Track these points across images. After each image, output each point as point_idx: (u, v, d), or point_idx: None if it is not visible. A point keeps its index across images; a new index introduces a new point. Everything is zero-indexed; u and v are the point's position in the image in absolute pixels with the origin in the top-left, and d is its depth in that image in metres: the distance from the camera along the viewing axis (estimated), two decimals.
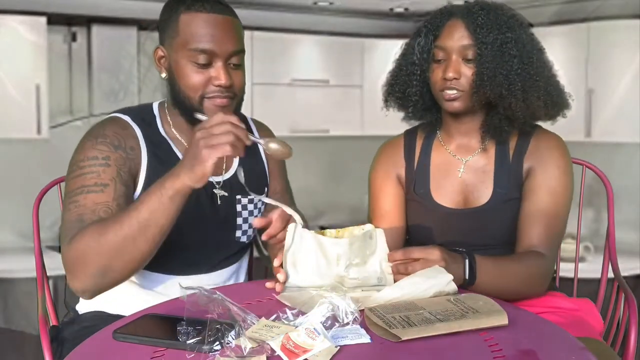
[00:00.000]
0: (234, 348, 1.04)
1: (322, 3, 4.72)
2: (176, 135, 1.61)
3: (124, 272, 1.40)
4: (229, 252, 1.67)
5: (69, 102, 4.28)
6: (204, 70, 1.50)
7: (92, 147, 1.50)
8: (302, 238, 1.37)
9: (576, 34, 4.03)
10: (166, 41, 1.55)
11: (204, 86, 1.51)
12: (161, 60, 1.57)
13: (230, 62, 1.52)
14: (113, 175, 1.48)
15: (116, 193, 1.46)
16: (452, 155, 1.73)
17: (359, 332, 1.12)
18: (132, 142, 1.54)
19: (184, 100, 1.53)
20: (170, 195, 1.33)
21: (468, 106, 1.64)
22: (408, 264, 1.36)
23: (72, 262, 1.39)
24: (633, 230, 4.02)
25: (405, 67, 1.74)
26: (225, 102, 1.52)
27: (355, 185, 5.18)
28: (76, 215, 1.43)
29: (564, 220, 1.63)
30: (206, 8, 1.50)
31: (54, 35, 4.10)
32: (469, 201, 1.68)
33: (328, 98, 4.83)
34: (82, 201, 1.44)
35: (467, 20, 1.62)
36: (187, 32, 1.50)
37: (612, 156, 4.02)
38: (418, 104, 1.73)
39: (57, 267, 1.54)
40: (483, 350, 1.07)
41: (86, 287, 1.40)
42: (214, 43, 1.49)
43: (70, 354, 1.10)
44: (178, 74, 1.52)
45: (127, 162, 1.51)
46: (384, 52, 4.96)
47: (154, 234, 1.36)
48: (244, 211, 1.67)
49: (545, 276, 1.58)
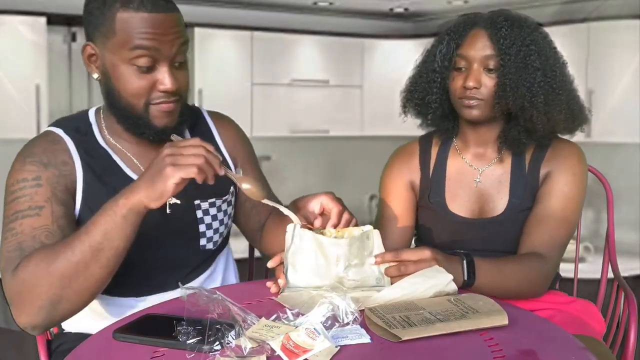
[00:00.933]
0: (234, 348, 1.04)
1: (322, 3, 4.72)
2: (115, 143, 1.47)
3: (78, 301, 1.27)
4: (196, 262, 1.54)
5: (69, 103, 4.28)
6: (147, 75, 1.36)
7: (21, 169, 1.37)
8: (302, 238, 1.36)
9: (576, 34, 4.03)
10: (98, 39, 1.38)
11: (148, 92, 1.37)
12: (91, 58, 1.41)
13: (175, 61, 1.39)
14: (47, 196, 1.35)
15: (54, 215, 1.33)
16: (468, 164, 1.73)
17: (359, 332, 1.12)
18: (64, 157, 1.40)
19: (125, 107, 1.39)
20: (123, 213, 1.23)
21: (487, 115, 1.64)
22: (400, 265, 1.36)
23: (18, 295, 1.25)
24: (633, 231, 4.03)
25: (425, 74, 1.73)
26: (171, 107, 1.40)
27: (355, 186, 5.19)
28: (15, 244, 1.30)
29: (573, 226, 1.63)
30: (147, 7, 1.33)
31: (54, 36, 4.11)
32: (484, 211, 1.68)
33: (328, 98, 4.83)
34: (18, 228, 1.31)
35: (491, 30, 1.62)
36: (126, 32, 1.34)
37: (612, 156, 4.02)
38: (437, 111, 1.73)
39: None
40: (483, 350, 1.07)
41: (36, 322, 1.26)
42: (157, 43, 1.34)
43: (70, 354, 1.10)
44: (116, 78, 1.37)
45: (61, 179, 1.38)
46: (383, 52, 4.98)
47: (108, 257, 1.24)
48: (206, 217, 1.54)
49: (545, 278, 1.58)
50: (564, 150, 1.67)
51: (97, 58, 1.40)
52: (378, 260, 1.38)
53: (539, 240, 1.58)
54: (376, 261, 1.38)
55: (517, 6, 4.02)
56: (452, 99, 1.69)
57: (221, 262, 1.63)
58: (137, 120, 1.40)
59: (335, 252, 1.35)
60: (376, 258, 1.38)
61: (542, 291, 1.61)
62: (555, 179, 1.63)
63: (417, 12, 5.03)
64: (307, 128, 4.68)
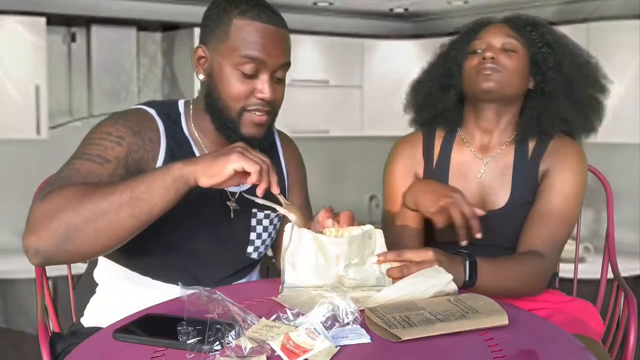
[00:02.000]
0: (234, 348, 1.04)
1: (321, 3, 4.72)
2: (198, 137, 1.53)
3: (90, 243, 1.26)
4: (237, 267, 1.59)
5: (69, 103, 4.28)
6: (249, 81, 1.45)
7: (110, 125, 1.43)
8: (301, 237, 1.36)
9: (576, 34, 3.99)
10: (211, 42, 1.48)
11: (246, 98, 1.45)
12: (200, 60, 1.50)
13: (275, 75, 1.48)
14: (119, 156, 1.39)
15: (114, 173, 1.36)
16: (474, 154, 1.71)
17: (359, 332, 1.12)
18: (152, 134, 1.46)
19: (221, 109, 1.47)
20: (175, 176, 1.26)
21: (503, 90, 1.62)
22: (403, 267, 1.36)
23: (40, 217, 1.25)
24: (633, 231, 4.02)
25: (441, 63, 1.73)
26: (263, 120, 1.48)
27: (355, 186, 5.19)
28: (66, 175, 1.33)
29: (572, 225, 1.63)
30: (262, 17, 1.44)
31: (54, 36, 4.11)
32: (486, 203, 1.67)
33: (328, 98, 4.83)
34: (77, 165, 1.35)
35: (510, 23, 1.63)
36: (239, 38, 1.43)
37: (612, 157, 4.02)
38: (451, 97, 1.70)
39: (56, 267, 1.49)
40: (483, 350, 1.07)
41: (41, 247, 1.25)
42: (265, 54, 1.44)
43: (70, 354, 1.10)
44: (220, 80, 1.46)
45: (140, 151, 1.43)
46: (383, 52, 4.97)
47: (142, 210, 1.26)
48: (258, 226, 1.59)
49: (544, 277, 1.58)
50: (565, 147, 1.66)
51: (205, 60, 1.49)
52: (380, 260, 1.37)
53: (539, 239, 1.57)
54: (378, 260, 1.37)
55: (517, 6, 4.02)
56: (466, 80, 1.66)
57: (255, 273, 1.67)
58: (228, 122, 1.47)
59: (335, 251, 1.35)
60: (378, 257, 1.38)
61: (541, 290, 1.61)
62: (556, 177, 1.62)
63: (417, 13, 5.03)
64: (306, 128, 4.68)
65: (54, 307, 1.68)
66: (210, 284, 1.47)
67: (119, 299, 1.49)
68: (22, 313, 3.80)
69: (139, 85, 4.41)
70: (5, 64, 3.76)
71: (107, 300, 1.53)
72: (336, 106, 4.86)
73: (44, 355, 1.45)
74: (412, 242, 1.64)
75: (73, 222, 1.24)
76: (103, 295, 1.55)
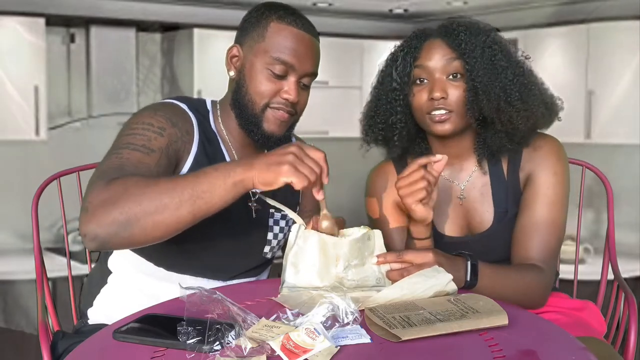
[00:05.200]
0: (234, 348, 1.04)
1: (321, 4, 4.72)
2: (225, 135, 1.58)
3: (146, 233, 1.28)
4: (251, 265, 1.62)
5: (68, 104, 4.28)
6: (277, 81, 1.51)
7: (150, 116, 1.46)
8: (306, 239, 1.36)
9: (576, 35, 4.04)
10: (246, 42, 1.55)
11: (272, 96, 1.51)
12: (233, 59, 1.57)
13: (302, 81, 1.54)
14: (162, 146, 1.42)
15: (159, 163, 1.40)
16: (449, 181, 1.66)
17: (359, 332, 1.12)
18: (188, 127, 1.51)
19: (247, 104, 1.52)
20: (235, 181, 1.27)
21: (459, 127, 1.57)
22: (403, 270, 1.35)
23: (101, 202, 1.27)
24: (633, 232, 4.02)
25: (385, 95, 1.65)
26: (285, 117, 1.52)
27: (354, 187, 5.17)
28: (118, 163, 1.36)
29: (562, 229, 1.59)
30: (297, 24, 1.52)
31: (53, 37, 4.11)
32: (472, 227, 1.64)
33: (327, 99, 4.82)
34: (125, 155, 1.38)
35: (448, 38, 1.56)
36: (274, 40, 1.50)
37: (612, 157, 4.02)
38: (403, 131, 1.63)
39: (56, 268, 1.50)
40: (483, 350, 1.07)
41: (100, 233, 1.27)
42: (296, 59, 1.50)
43: (70, 354, 1.10)
44: (249, 77, 1.52)
45: (179, 142, 1.47)
46: (383, 53, 4.97)
47: (200, 208, 1.27)
48: (275, 226, 1.63)
49: (545, 290, 1.55)
50: (541, 148, 1.61)
51: (238, 59, 1.56)
52: (380, 261, 1.37)
53: (533, 251, 1.54)
54: (378, 261, 1.37)
55: (516, 6, 4.02)
56: (417, 116, 1.60)
57: (266, 273, 1.70)
58: (251, 117, 1.52)
59: (335, 253, 1.36)
60: (378, 258, 1.37)
61: (542, 303, 1.56)
62: (537, 182, 1.58)
63: (417, 13, 5.03)
64: (306, 129, 4.61)
65: (54, 307, 1.69)
66: (224, 279, 1.54)
67: (131, 291, 1.52)
68: (22, 313, 3.80)
69: (138, 86, 4.41)
70: (4, 64, 3.76)
71: (118, 292, 1.55)
72: (335, 107, 4.86)
73: (44, 355, 1.45)
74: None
75: (133, 212, 1.26)
76: (115, 286, 1.56)
